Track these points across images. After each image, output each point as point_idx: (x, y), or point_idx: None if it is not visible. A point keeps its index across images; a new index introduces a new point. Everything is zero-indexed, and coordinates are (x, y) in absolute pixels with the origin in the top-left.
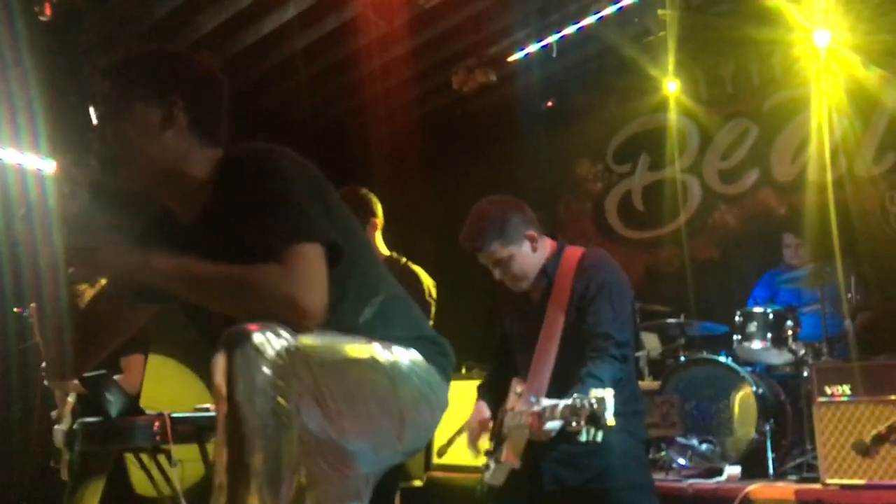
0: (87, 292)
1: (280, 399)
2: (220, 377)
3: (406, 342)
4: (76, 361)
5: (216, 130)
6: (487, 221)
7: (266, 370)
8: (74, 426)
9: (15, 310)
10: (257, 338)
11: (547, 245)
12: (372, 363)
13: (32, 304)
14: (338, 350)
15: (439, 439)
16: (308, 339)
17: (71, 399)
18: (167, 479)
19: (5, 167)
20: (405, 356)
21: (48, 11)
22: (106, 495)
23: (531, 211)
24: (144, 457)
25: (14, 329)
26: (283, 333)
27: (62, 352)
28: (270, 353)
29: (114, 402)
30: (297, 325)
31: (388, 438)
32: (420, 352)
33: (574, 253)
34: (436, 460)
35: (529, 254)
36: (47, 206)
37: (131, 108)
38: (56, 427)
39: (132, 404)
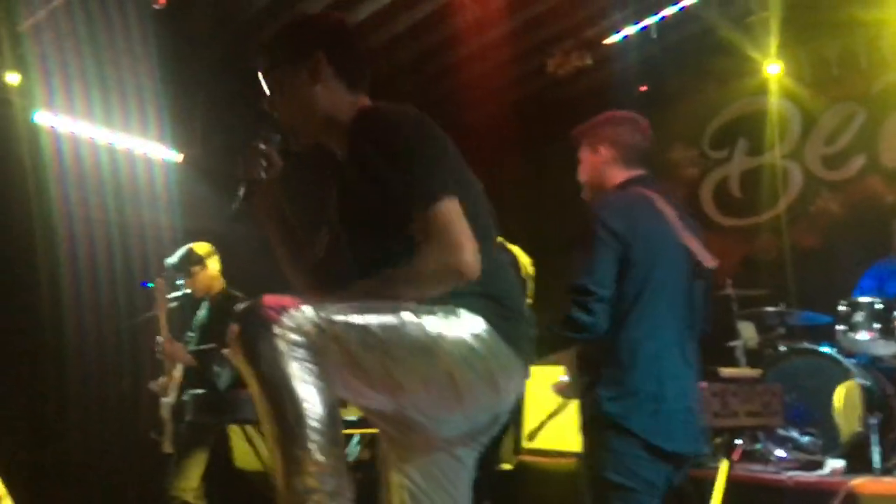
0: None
1: (306, 362)
2: (239, 352)
3: (469, 298)
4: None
5: (360, 76)
6: (592, 120)
7: (282, 342)
8: (183, 398)
9: (150, 284)
10: (271, 311)
11: (620, 174)
12: (403, 324)
13: (158, 279)
14: (368, 317)
15: (529, 423)
16: (330, 310)
17: (177, 373)
18: None
19: (117, 153)
20: (449, 316)
21: (162, 1)
22: (208, 467)
23: (637, 135)
24: (250, 429)
25: (126, 304)
26: (302, 303)
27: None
28: (289, 324)
29: (222, 375)
30: (462, 281)
31: (444, 399)
32: (478, 310)
33: None
34: (525, 444)
35: (595, 166)
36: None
37: (285, 73)
38: (163, 399)
39: (240, 377)
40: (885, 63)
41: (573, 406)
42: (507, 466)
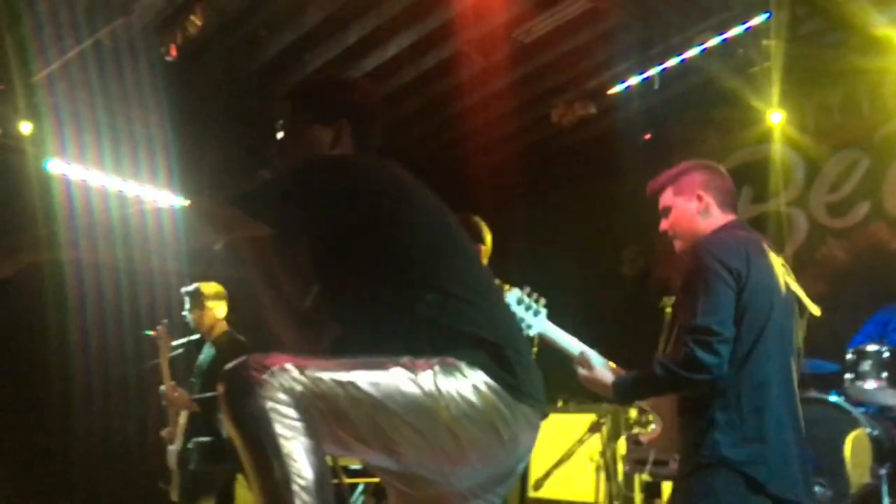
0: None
1: (293, 423)
2: (225, 412)
3: (463, 345)
4: None
5: (371, 140)
6: (674, 169)
7: (268, 402)
8: (189, 445)
9: (149, 332)
10: (258, 373)
11: (720, 218)
12: (396, 379)
13: (160, 326)
14: (356, 373)
15: (535, 472)
16: (319, 369)
17: (182, 420)
18: None
19: (127, 199)
20: (445, 369)
21: (174, 52)
22: None
23: (728, 181)
24: None
25: (133, 352)
26: (288, 367)
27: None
28: (274, 384)
29: None
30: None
31: (447, 455)
32: (477, 362)
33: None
34: (532, 493)
35: (691, 212)
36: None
37: (310, 128)
38: (169, 448)
39: None
40: (886, 110)
41: (580, 454)
42: None
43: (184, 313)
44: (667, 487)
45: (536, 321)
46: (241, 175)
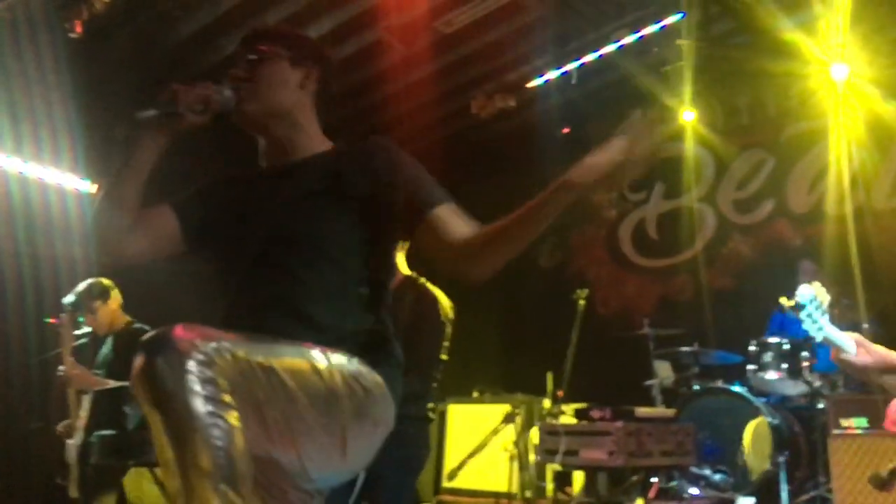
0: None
1: (218, 399)
2: (143, 384)
3: (358, 339)
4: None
5: (327, 109)
6: None
7: (195, 373)
8: (91, 439)
9: (51, 320)
10: (182, 343)
11: None
12: (311, 372)
13: (62, 314)
14: (274, 356)
15: (449, 462)
16: (241, 347)
17: (84, 413)
18: None
19: (28, 181)
20: (348, 365)
21: (78, 29)
22: None
23: None
24: (159, 472)
25: (36, 340)
26: (214, 337)
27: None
28: (199, 356)
29: (132, 416)
30: None
31: (329, 454)
32: (371, 358)
33: None
34: (446, 484)
35: None
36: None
37: (282, 63)
38: (68, 442)
39: None
40: (792, 113)
41: (494, 444)
42: None
43: (80, 319)
44: (577, 477)
45: (824, 321)
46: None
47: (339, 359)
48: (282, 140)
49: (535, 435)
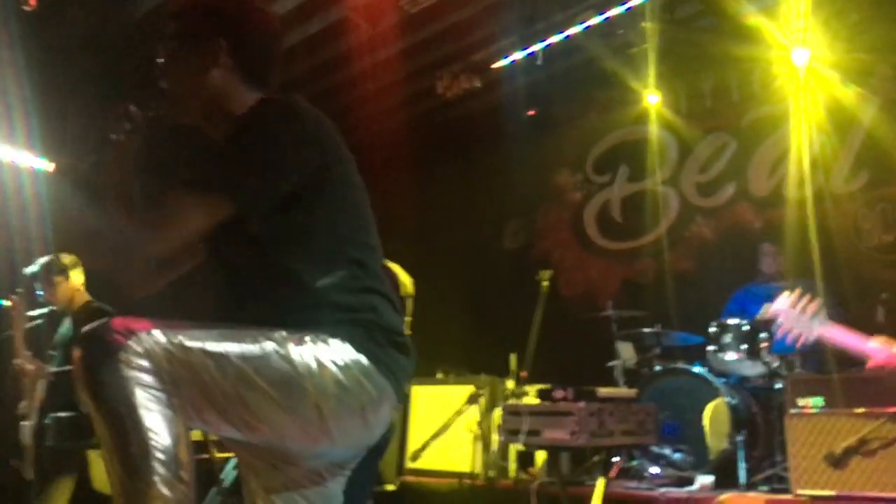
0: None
1: (155, 388)
2: (80, 376)
3: (340, 325)
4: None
5: (263, 75)
6: None
7: (128, 368)
8: (46, 421)
9: (2, 302)
10: (119, 334)
11: None
12: (272, 354)
13: (14, 296)
14: (227, 345)
15: (413, 443)
16: (187, 336)
17: (39, 395)
18: None
19: None
20: (321, 344)
21: (32, 3)
22: (74, 493)
23: None
24: None
25: None
26: (155, 327)
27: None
28: (136, 348)
29: None
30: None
31: (310, 433)
32: (352, 339)
33: None
34: (409, 465)
35: None
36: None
37: (183, 48)
38: (23, 423)
39: None
40: (755, 97)
41: (458, 425)
42: (390, 487)
43: (38, 291)
44: (540, 456)
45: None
46: (109, 134)
47: (311, 339)
48: (227, 121)
49: (498, 415)
